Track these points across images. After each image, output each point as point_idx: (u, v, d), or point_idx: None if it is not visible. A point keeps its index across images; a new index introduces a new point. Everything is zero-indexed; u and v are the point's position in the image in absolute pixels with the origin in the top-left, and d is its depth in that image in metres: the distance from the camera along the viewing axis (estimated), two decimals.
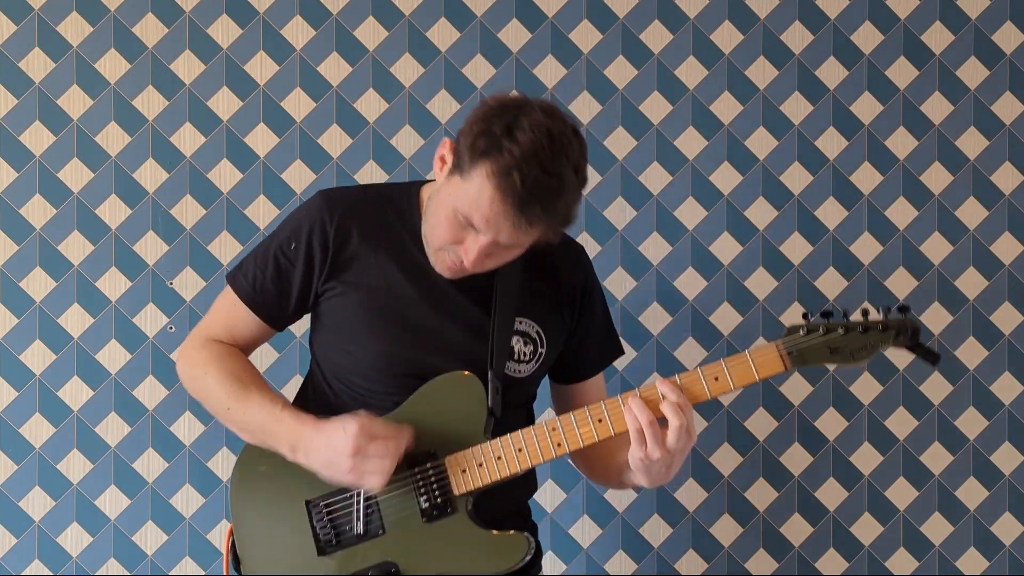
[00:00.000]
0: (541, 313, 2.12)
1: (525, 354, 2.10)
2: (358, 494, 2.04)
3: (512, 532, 2.03)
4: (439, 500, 2.02)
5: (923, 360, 1.98)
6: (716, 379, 1.97)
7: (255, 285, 2.10)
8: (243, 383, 2.07)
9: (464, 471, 2.02)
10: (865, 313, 1.98)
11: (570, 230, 2.08)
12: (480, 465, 2.01)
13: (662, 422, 1.96)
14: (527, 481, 2.19)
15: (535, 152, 1.87)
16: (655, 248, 2.65)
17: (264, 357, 2.61)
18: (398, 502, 2.03)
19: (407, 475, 2.03)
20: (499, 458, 2.01)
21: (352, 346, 2.08)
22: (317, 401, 2.14)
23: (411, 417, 2.03)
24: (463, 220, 1.94)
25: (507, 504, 2.11)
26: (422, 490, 2.02)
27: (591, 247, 2.62)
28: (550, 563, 2.63)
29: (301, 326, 2.28)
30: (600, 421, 2.00)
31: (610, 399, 2.00)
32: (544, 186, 1.88)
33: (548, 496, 2.64)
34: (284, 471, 2.06)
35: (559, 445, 2.00)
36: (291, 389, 2.45)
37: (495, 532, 2.02)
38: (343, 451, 1.95)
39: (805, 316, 1.98)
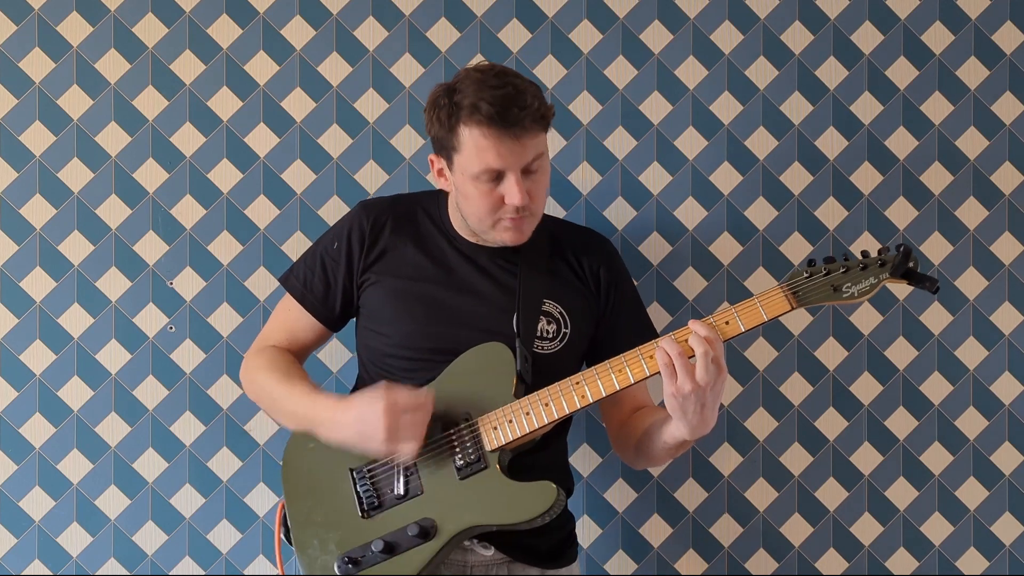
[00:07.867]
0: (564, 295, 2.29)
1: (549, 332, 2.26)
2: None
3: (541, 481, 2.13)
4: (472, 457, 2.15)
5: (923, 289, 2.06)
6: (727, 323, 2.09)
7: (305, 283, 2.33)
8: (289, 375, 2.27)
9: (496, 428, 2.16)
10: (865, 253, 2.08)
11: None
12: (510, 421, 2.16)
13: (693, 361, 2.06)
14: (559, 446, 2.33)
15: (479, 84, 2.11)
16: (655, 248, 2.65)
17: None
18: (435, 463, 2.17)
19: (443, 437, 2.17)
20: (527, 413, 2.15)
21: (386, 328, 2.27)
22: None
23: (445, 389, 2.19)
24: (485, 178, 2.13)
25: (543, 467, 2.22)
26: (457, 450, 2.16)
27: None
28: None
29: None
30: (620, 371, 2.12)
31: (630, 351, 2.12)
32: (506, 96, 2.10)
33: None
34: (331, 445, 2.20)
35: (583, 397, 2.14)
36: None
37: (524, 482, 2.13)
38: (376, 424, 2.09)
39: (810, 262, 2.09)
